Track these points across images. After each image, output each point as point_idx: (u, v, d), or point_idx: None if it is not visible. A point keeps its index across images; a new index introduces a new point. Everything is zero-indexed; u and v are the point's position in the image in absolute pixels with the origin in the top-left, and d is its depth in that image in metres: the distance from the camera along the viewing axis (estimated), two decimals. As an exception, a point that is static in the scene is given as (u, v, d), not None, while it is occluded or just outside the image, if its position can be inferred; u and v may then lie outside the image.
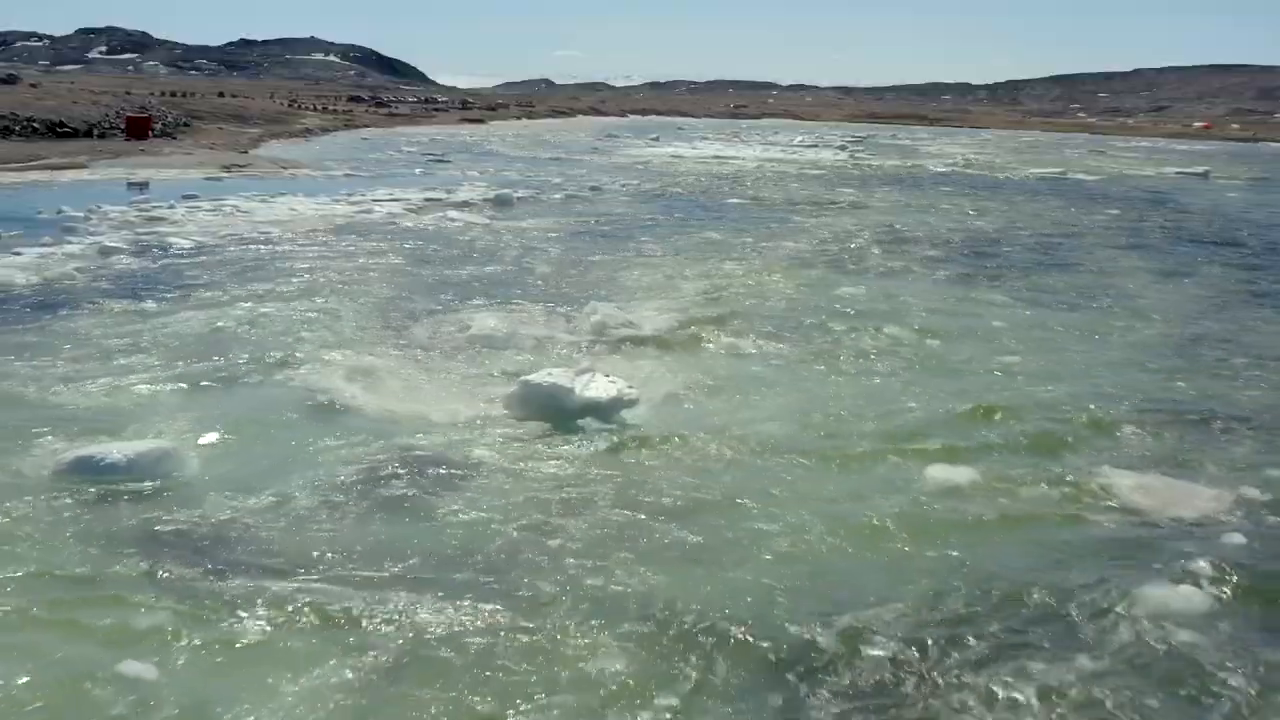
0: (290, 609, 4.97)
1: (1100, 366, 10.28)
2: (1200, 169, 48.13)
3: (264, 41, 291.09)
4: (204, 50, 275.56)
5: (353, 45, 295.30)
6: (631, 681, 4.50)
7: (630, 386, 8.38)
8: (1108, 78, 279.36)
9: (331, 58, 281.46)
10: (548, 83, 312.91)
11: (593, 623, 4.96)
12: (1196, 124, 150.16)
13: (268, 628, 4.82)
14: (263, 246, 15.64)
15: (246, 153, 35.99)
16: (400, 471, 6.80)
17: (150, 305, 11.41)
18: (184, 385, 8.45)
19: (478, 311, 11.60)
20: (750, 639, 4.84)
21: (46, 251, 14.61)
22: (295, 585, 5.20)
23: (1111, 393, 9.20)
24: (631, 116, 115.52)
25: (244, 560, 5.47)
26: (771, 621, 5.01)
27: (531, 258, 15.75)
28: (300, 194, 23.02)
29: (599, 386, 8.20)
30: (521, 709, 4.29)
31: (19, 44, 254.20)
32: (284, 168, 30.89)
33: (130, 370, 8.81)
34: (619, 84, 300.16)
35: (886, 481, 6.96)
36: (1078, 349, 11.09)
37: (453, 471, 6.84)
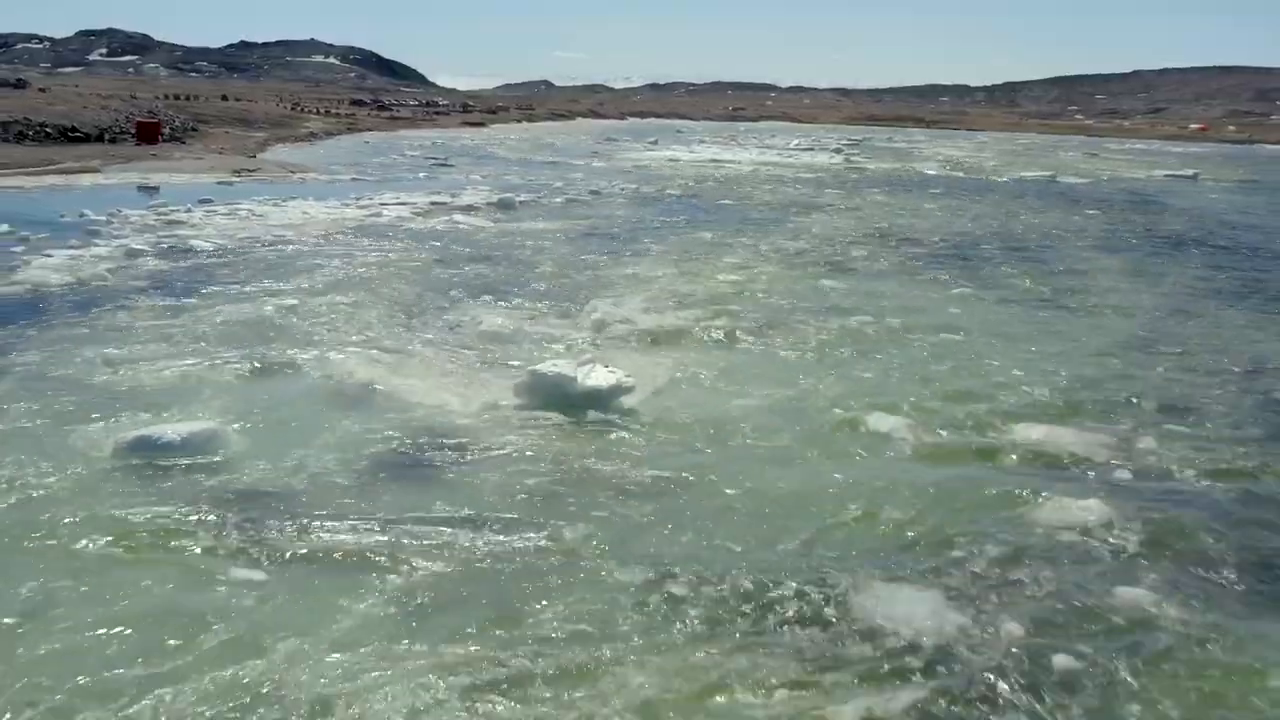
0: (333, 547, 5.89)
1: (1045, 350, 11.44)
2: (1189, 172, 49.03)
3: (264, 44, 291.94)
4: (204, 52, 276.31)
5: (352, 47, 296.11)
6: (624, 582, 5.46)
7: (628, 376, 9.22)
8: (1106, 79, 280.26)
9: (331, 60, 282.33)
10: (547, 84, 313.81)
11: (592, 544, 5.98)
12: (1192, 126, 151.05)
13: (312, 564, 5.70)
14: (281, 248, 16.52)
15: (254, 157, 36.85)
16: (422, 446, 7.66)
17: (182, 301, 12.29)
18: (221, 372, 9.34)
19: (486, 308, 12.48)
20: (716, 548, 5.72)
21: (75, 253, 15.45)
22: (336, 529, 6.08)
23: (1047, 369, 10.47)
24: (630, 119, 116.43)
25: (292, 513, 6.32)
26: (733, 542, 5.98)
27: (535, 259, 16.62)
28: (310, 198, 23.90)
29: (599, 376, 9.05)
30: (543, 605, 5.32)
31: (19, 46, 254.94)
32: (292, 172, 31.76)
33: (171, 358, 9.69)
34: (618, 85, 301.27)
35: (836, 438, 8.27)
36: (1028, 334, 12.27)
37: (469, 446, 7.70)
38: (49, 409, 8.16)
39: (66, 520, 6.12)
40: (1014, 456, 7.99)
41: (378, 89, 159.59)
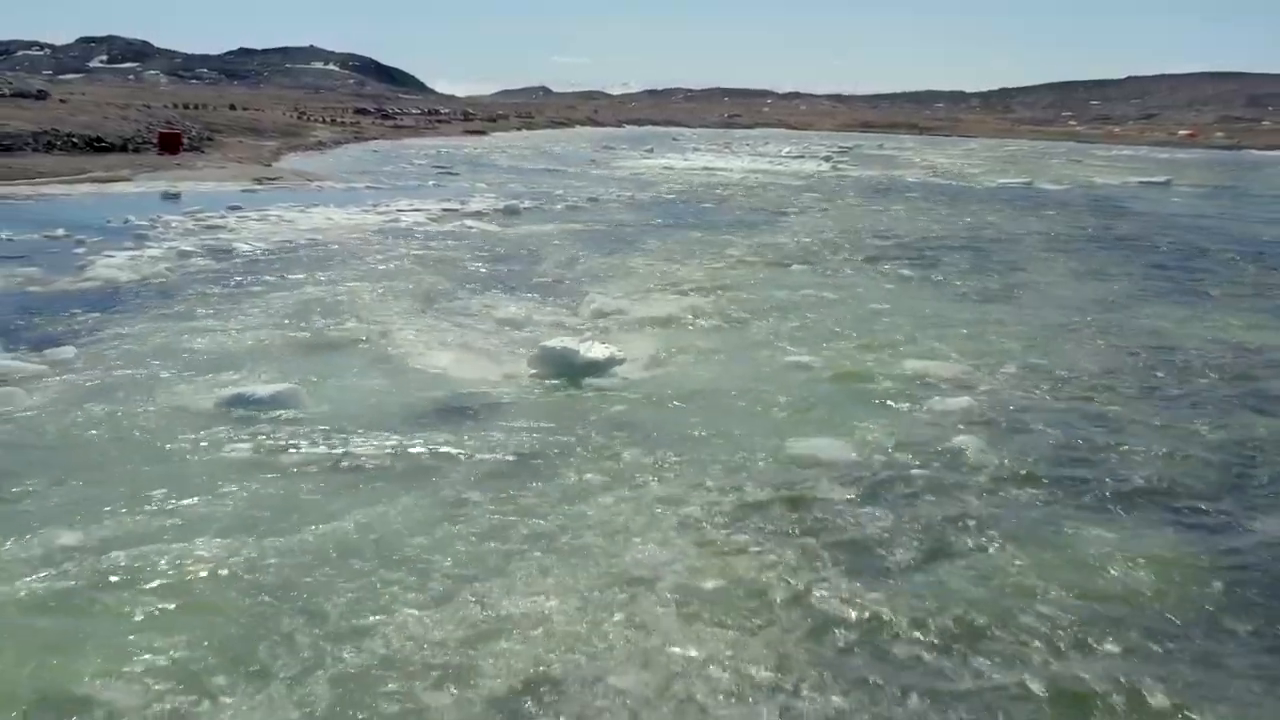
0: (395, 463, 7.92)
1: (953, 318, 14.24)
2: (1163, 178, 51.08)
3: (264, 50, 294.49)
4: (204, 59, 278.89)
5: (352, 54, 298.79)
6: (615, 462, 7.45)
7: (620, 351, 11.27)
8: (1100, 85, 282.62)
9: (331, 66, 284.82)
10: (545, 90, 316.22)
11: (589, 448, 8.04)
12: (1181, 132, 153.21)
13: (382, 473, 7.72)
14: (315, 249, 18.59)
15: (270, 166, 38.93)
16: (454, 404, 9.67)
17: (239, 292, 14.35)
18: (285, 346, 11.41)
19: (500, 299, 14.55)
20: (689, 459, 7.78)
21: (133, 254, 17.48)
22: (396, 453, 8.10)
23: (947, 330, 13.25)
24: (628, 127, 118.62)
25: (359, 443, 8.34)
26: (708, 453, 8.07)
27: (539, 258, 18.69)
28: (331, 205, 25.95)
29: (597, 351, 11.08)
30: (554, 481, 7.40)
31: (20, 53, 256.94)
32: (309, 180, 33.82)
33: (242, 334, 11.77)
34: (616, 91, 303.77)
35: (772, 372, 10.91)
36: (945, 308, 15.05)
37: (494, 402, 9.73)
38: (155, 374, 10.20)
39: (196, 455, 8.15)
40: (897, 377, 10.87)
41: (377, 95, 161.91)
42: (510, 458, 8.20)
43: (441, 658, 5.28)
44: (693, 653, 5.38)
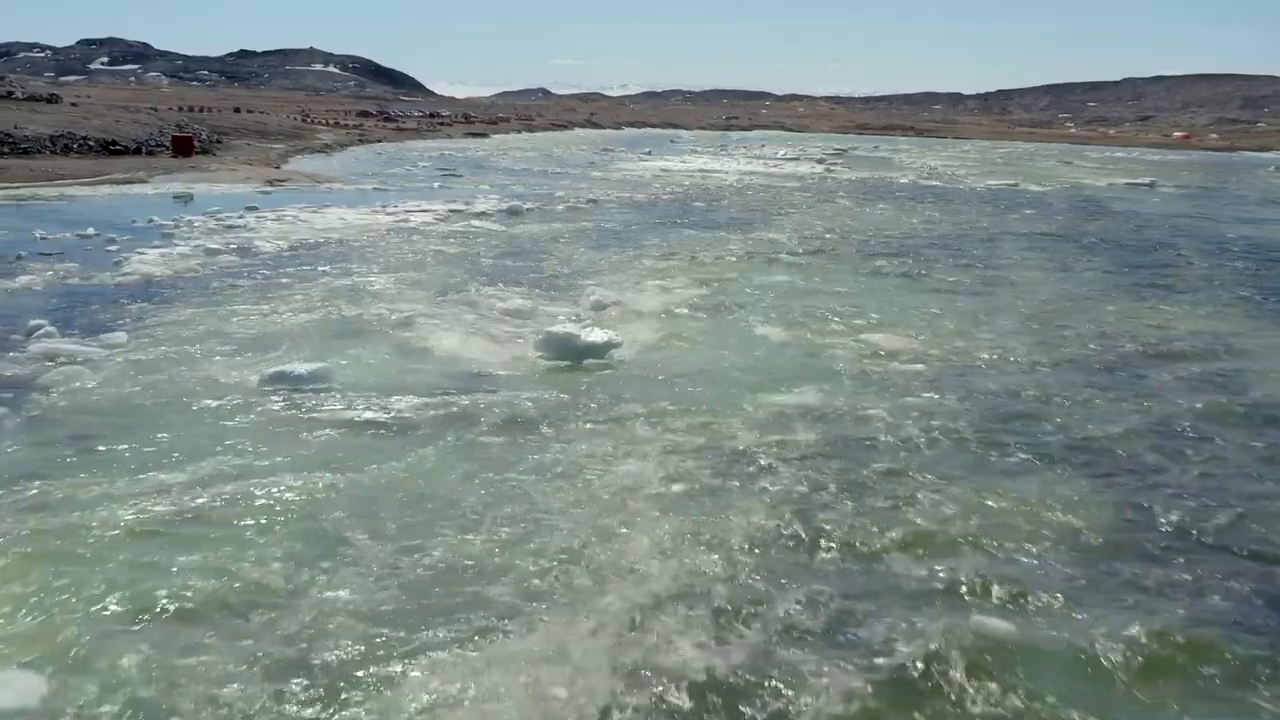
0: (421, 423, 9.22)
1: (909, 302, 16.14)
2: (1147, 180, 52.33)
3: (264, 52, 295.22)
4: (204, 61, 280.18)
5: (351, 56, 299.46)
6: (613, 413, 8.74)
7: (617, 336, 12.57)
8: (1097, 87, 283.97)
9: (331, 68, 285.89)
10: (545, 91, 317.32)
11: (590, 407, 9.31)
12: (1176, 134, 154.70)
13: (410, 428, 9.01)
14: (333, 247, 19.89)
15: (279, 168, 40.24)
16: (470, 379, 10.98)
17: (267, 284, 15.67)
18: (316, 330, 12.75)
19: (506, 291, 15.84)
20: (679, 412, 9.08)
21: (164, 251, 18.77)
22: (418, 415, 9.40)
23: (905, 309, 15.27)
24: (627, 129, 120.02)
25: (392, 410, 9.63)
26: (692, 406, 9.35)
27: (542, 255, 19.99)
28: (342, 205, 27.25)
29: (596, 335, 12.39)
30: (561, 447, 8.58)
31: (21, 55, 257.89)
32: (318, 182, 35.13)
33: (276, 320, 13.08)
34: (615, 93, 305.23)
35: (742, 342, 12.20)
36: (905, 295, 16.85)
37: (503, 379, 11.03)
38: (202, 355, 11.51)
39: (251, 419, 9.45)
40: (860, 350, 12.59)
41: (377, 97, 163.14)
42: (521, 415, 9.58)
43: (480, 555, 6.67)
44: (665, 527, 7.33)
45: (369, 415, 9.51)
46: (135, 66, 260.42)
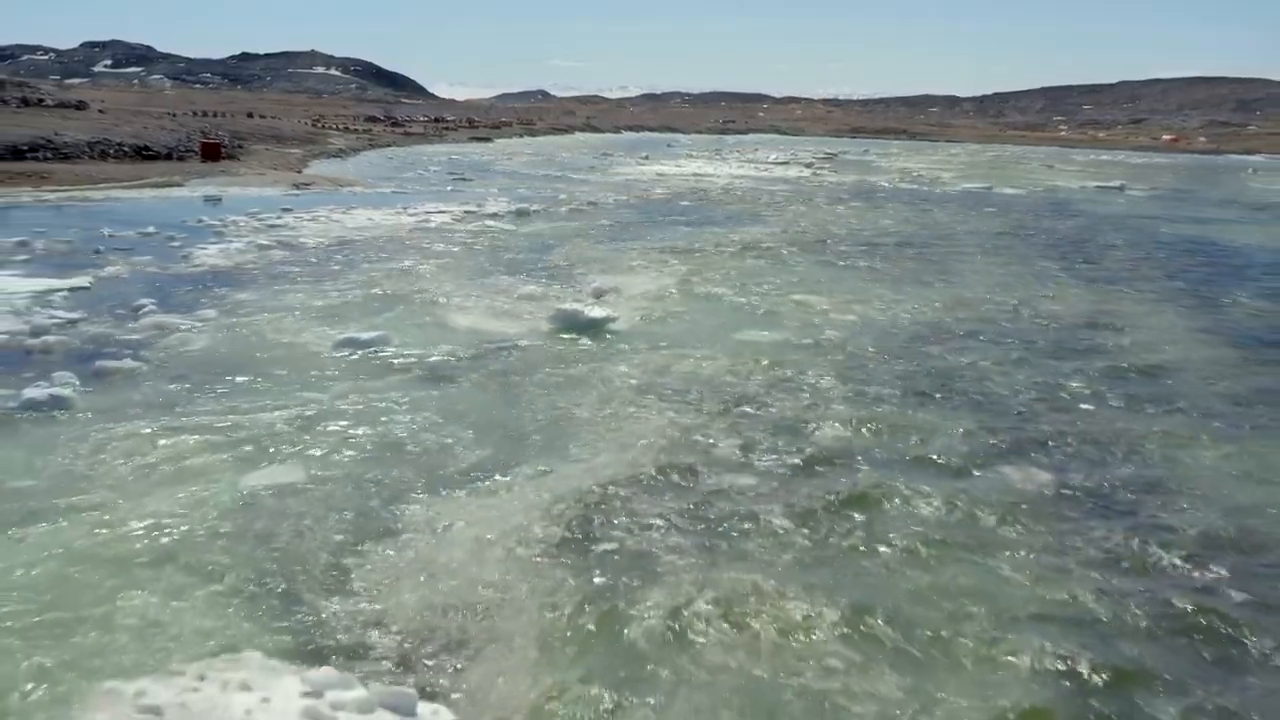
0: (461, 374, 12.08)
1: (856, 286, 19.17)
2: (1117, 183, 55.21)
3: (266, 55, 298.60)
4: (207, 64, 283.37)
5: (352, 59, 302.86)
6: (611, 370, 11.62)
7: (615, 313, 15.47)
8: (1093, 90, 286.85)
9: (333, 71, 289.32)
10: (544, 93, 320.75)
11: (593, 374, 12.17)
12: (1165, 137, 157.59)
13: (441, 379, 11.89)
14: (368, 243, 22.80)
15: (301, 172, 43.13)
16: (496, 343, 13.86)
17: (320, 272, 18.57)
18: (369, 305, 15.64)
19: (520, 279, 18.74)
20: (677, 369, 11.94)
21: (222, 246, 21.62)
22: (455, 372, 12.27)
23: (854, 289, 18.41)
24: (626, 133, 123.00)
25: (434, 367, 12.51)
26: (677, 353, 12.23)
27: (548, 250, 22.89)
28: (368, 207, 30.15)
29: (598, 312, 15.31)
30: (571, 385, 11.46)
31: (25, 58, 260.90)
32: (340, 185, 38.01)
33: (335, 297, 15.97)
34: (615, 95, 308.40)
35: (721, 311, 14.60)
36: (858, 281, 19.95)
37: (523, 345, 13.92)
38: (281, 325, 14.39)
39: (331, 371, 12.34)
40: (809, 311, 15.99)
41: (378, 99, 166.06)
42: (539, 361, 12.59)
43: (514, 475, 9.51)
44: (652, 411, 10.07)
45: (421, 369, 12.43)
46: (138, 69, 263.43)
